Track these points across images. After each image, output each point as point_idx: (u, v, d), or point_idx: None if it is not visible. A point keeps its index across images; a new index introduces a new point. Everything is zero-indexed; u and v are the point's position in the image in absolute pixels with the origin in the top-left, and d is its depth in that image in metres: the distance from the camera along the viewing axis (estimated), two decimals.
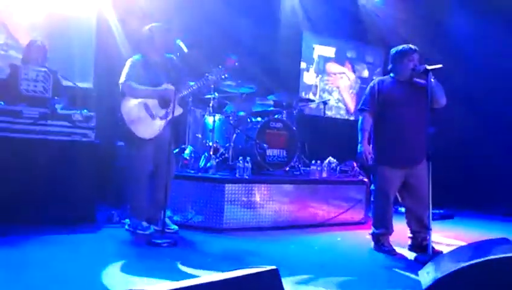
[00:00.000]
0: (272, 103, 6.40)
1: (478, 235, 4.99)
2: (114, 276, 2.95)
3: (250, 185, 4.76)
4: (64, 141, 4.33)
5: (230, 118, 5.64)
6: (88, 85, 5.90)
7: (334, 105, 8.40)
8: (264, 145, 5.25)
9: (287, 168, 5.55)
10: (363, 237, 4.62)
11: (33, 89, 4.25)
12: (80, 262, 3.22)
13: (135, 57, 4.25)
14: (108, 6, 6.04)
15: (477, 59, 7.26)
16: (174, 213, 4.65)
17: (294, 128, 5.67)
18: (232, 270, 1.84)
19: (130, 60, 4.22)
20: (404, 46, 4.08)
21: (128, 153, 4.34)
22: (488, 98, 7.06)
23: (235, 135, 5.49)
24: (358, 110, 4.23)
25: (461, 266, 2.44)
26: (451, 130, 6.75)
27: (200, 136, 5.70)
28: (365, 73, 8.95)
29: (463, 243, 4.44)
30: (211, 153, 5.28)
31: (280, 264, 2.13)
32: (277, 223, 4.89)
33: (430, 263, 2.84)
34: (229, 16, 6.70)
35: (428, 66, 3.84)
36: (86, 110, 4.49)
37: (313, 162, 5.58)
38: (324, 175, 5.52)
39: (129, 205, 4.27)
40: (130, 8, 5.95)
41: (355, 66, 8.85)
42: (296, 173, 5.65)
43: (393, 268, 3.58)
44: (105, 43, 5.97)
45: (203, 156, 5.32)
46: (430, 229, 3.62)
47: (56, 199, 4.19)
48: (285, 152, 5.50)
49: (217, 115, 5.63)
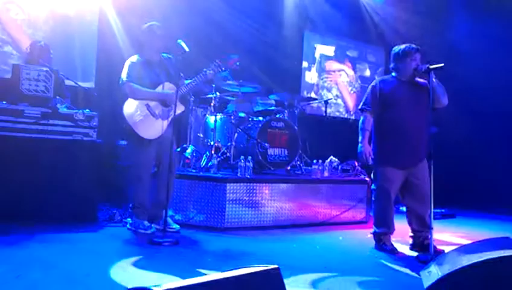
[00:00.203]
0: (274, 102, 6.42)
1: (480, 235, 4.99)
2: (115, 275, 2.95)
3: (251, 184, 4.77)
4: (66, 140, 4.34)
5: (232, 117, 5.64)
6: (90, 85, 5.92)
7: (333, 102, 8.39)
8: (266, 145, 5.25)
9: (289, 168, 5.56)
10: (365, 236, 4.63)
11: (35, 88, 4.26)
12: (81, 261, 3.23)
13: (134, 56, 4.25)
14: (110, 6, 6.06)
15: (479, 58, 7.25)
16: (175, 212, 4.66)
17: (296, 128, 5.67)
18: (234, 269, 1.85)
19: (129, 60, 4.22)
20: (406, 45, 4.07)
21: (131, 152, 4.35)
22: (491, 97, 7.05)
23: (236, 134, 5.50)
24: (359, 109, 4.22)
25: (463, 265, 2.44)
26: (453, 129, 6.75)
27: (201, 135, 5.71)
28: (367, 72, 8.95)
29: (465, 242, 4.44)
30: (213, 152, 5.29)
31: (282, 264, 2.13)
32: (278, 222, 4.90)
33: (431, 263, 2.83)
34: (231, 16, 6.72)
35: (430, 66, 3.83)
36: (87, 110, 4.50)
37: (315, 161, 5.57)
38: (326, 174, 5.53)
39: (131, 204, 4.28)
40: (132, 8, 5.98)
41: (357, 65, 8.86)
42: (298, 172, 5.66)
43: (395, 267, 3.58)
44: (107, 43, 5.98)
45: (205, 155, 5.33)
46: (432, 229, 3.61)
47: (58, 197, 4.20)
48: (286, 151, 5.50)
49: (218, 114, 5.64)
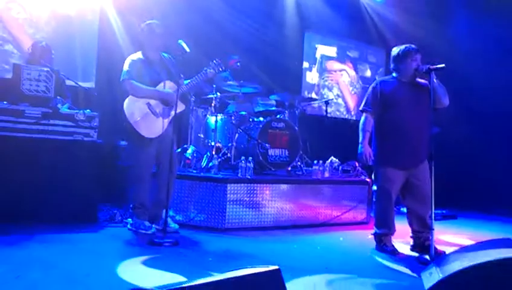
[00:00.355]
0: (274, 102, 6.41)
1: (481, 236, 4.98)
2: (115, 275, 2.95)
3: (252, 185, 4.76)
4: (66, 140, 4.34)
5: (233, 117, 5.64)
6: (90, 85, 5.91)
7: (334, 101, 8.39)
8: (266, 145, 5.24)
9: (289, 168, 5.55)
10: (366, 237, 4.62)
11: (36, 88, 4.26)
12: (81, 261, 3.22)
13: (135, 54, 4.25)
14: (110, 5, 6.07)
15: (479, 58, 7.25)
16: (176, 213, 4.66)
17: (297, 128, 5.66)
18: (235, 270, 1.84)
19: (129, 58, 4.21)
20: (406, 45, 4.07)
21: (131, 152, 4.34)
22: (492, 97, 7.04)
23: (237, 135, 5.49)
24: (360, 110, 4.21)
25: (464, 266, 2.44)
26: (454, 130, 6.74)
27: (202, 136, 5.71)
28: (367, 73, 8.95)
29: (466, 243, 4.43)
30: (213, 152, 5.29)
31: (282, 265, 2.13)
32: (279, 223, 4.89)
33: (432, 264, 2.83)
34: (231, 16, 6.72)
35: (431, 66, 3.82)
36: (88, 110, 4.50)
37: (315, 161, 5.57)
38: (326, 175, 5.52)
39: (131, 205, 4.27)
40: (132, 7, 5.98)
41: (358, 65, 8.86)
42: (298, 172, 5.65)
43: (396, 268, 3.58)
44: (108, 42, 5.98)
45: (205, 155, 5.33)
46: (433, 229, 3.60)
47: (58, 198, 4.20)
48: (287, 152, 5.50)
49: (219, 114, 5.64)
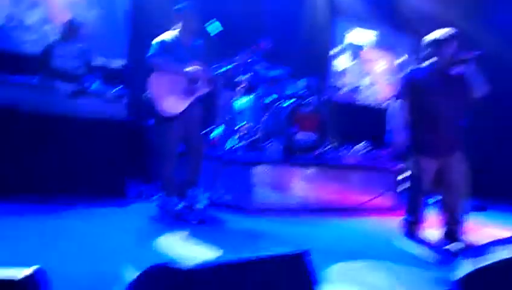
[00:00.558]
0: (304, 86, 6.33)
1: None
2: (139, 251, 2.99)
3: (279, 167, 4.74)
4: (97, 117, 4.40)
5: (261, 100, 5.60)
6: (122, 62, 5.96)
7: (366, 89, 8.25)
8: (294, 128, 5.20)
9: (317, 152, 5.50)
10: (392, 224, 4.55)
11: (67, 65, 4.32)
12: (108, 235, 3.29)
13: (169, 33, 4.25)
14: None
15: None
16: (204, 191, 4.68)
17: (325, 113, 5.60)
18: (259, 251, 1.83)
19: (163, 35, 4.22)
20: (442, 32, 3.91)
21: (156, 129, 4.37)
22: None
23: (265, 117, 5.46)
24: (393, 98, 4.12)
25: (495, 260, 2.37)
26: (486, 119, 6.54)
27: (230, 117, 5.70)
28: (400, 60, 8.75)
29: (496, 235, 4.32)
30: (241, 134, 5.28)
31: (308, 247, 2.10)
32: (305, 206, 4.87)
33: (461, 255, 2.77)
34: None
35: (468, 54, 3.68)
36: (119, 87, 4.54)
37: (344, 146, 5.50)
38: (355, 160, 5.45)
39: (159, 182, 4.32)
40: None
41: (391, 53, 8.66)
42: (326, 157, 5.59)
43: (424, 258, 3.52)
44: (140, 21, 5.99)
45: (233, 137, 5.33)
46: (463, 221, 3.52)
47: (88, 173, 4.29)
48: (315, 136, 5.45)
49: (247, 96, 5.61)
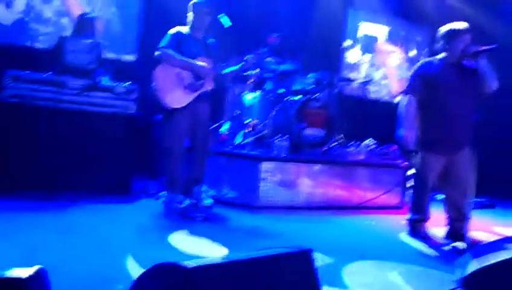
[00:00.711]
0: (313, 81, 6.31)
1: None
2: (143, 248, 3.02)
3: (286, 163, 4.75)
4: (106, 112, 4.44)
5: (270, 95, 5.60)
6: (132, 58, 5.99)
7: (376, 83, 8.16)
8: (303, 124, 5.20)
9: (325, 148, 5.50)
10: (399, 222, 4.54)
11: (78, 60, 4.35)
12: (112, 231, 3.33)
13: (180, 27, 4.26)
14: None
15: None
16: (209, 188, 4.71)
17: (334, 108, 5.58)
18: (264, 249, 1.85)
19: (172, 30, 4.23)
20: (455, 24, 3.85)
21: (162, 124, 4.39)
22: None
23: (273, 113, 5.46)
24: (403, 92, 4.08)
25: (501, 258, 2.36)
26: (496, 116, 6.46)
27: (238, 112, 5.71)
28: (413, 53, 8.64)
29: (503, 233, 4.30)
30: (249, 130, 5.29)
31: (313, 245, 2.11)
32: (312, 204, 4.88)
33: (467, 253, 2.76)
34: None
35: (481, 47, 3.63)
36: (128, 83, 4.57)
37: (352, 143, 5.49)
38: (362, 157, 5.44)
39: (165, 178, 4.34)
40: None
41: (403, 45, 8.55)
42: (334, 153, 5.58)
43: (428, 256, 3.52)
44: (151, 16, 6.01)
45: (241, 132, 5.34)
46: (469, 218, 3.50)
47: (94, 168, 4.31)
48: (323, 132, 5.43)
49: (256, 92, 5.61)
